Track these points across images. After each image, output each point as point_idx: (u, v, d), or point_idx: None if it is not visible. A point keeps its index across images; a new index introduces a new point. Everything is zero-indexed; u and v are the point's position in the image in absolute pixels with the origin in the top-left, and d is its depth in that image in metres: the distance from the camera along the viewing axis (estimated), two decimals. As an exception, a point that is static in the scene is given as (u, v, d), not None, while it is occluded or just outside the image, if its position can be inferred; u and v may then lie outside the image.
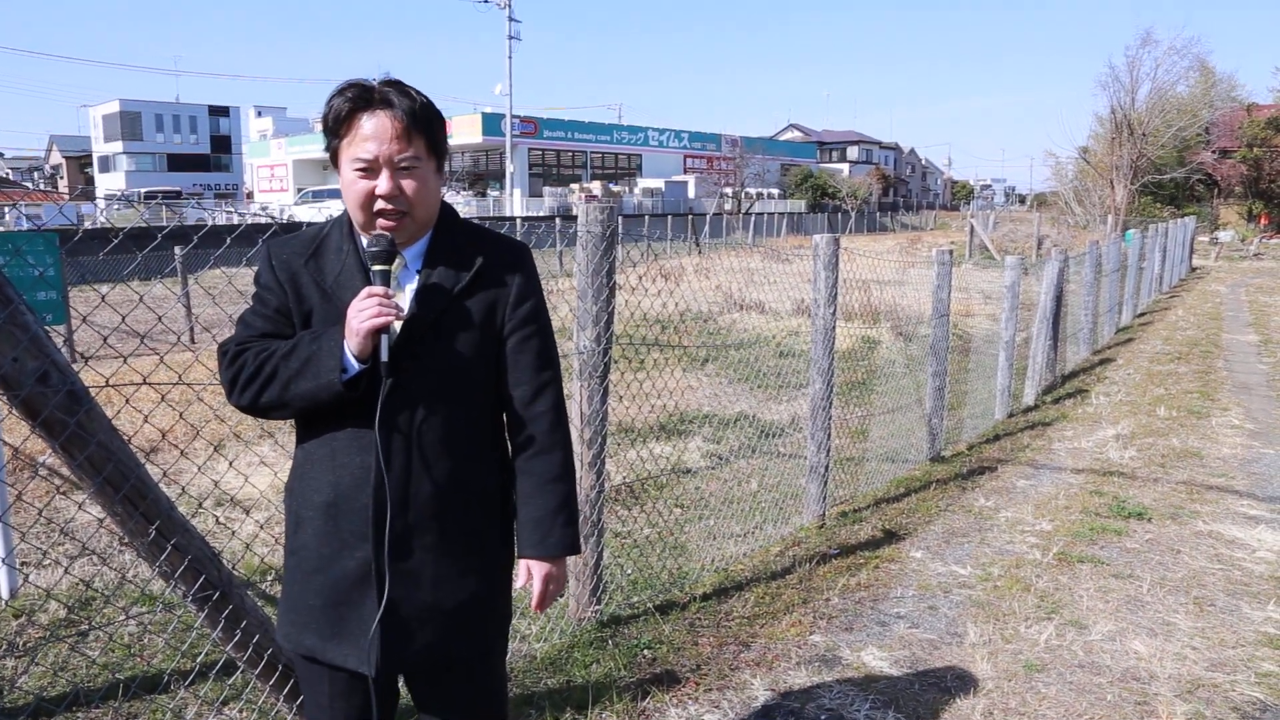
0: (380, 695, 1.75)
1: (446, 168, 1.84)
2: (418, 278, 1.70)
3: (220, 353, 1.72)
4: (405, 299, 1.68)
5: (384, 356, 1.61)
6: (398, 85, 1.66)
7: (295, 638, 1.74)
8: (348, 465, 1.67)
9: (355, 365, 1.61)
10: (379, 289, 1.61)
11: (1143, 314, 16.25)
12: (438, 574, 1.70)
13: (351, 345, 1.61)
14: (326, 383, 1.61)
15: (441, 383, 1.69)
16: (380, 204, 1.64)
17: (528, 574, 1.82)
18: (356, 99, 1.64)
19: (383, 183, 1.64)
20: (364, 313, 1.59)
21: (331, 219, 1.79)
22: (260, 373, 1.65)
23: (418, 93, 1.67)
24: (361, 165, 1.63)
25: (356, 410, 1.65)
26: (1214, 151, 43.93)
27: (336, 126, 1.66)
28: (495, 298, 1.74)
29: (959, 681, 3.28)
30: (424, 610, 1.70)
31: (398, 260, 1.68)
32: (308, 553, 1.71)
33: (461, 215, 1.82)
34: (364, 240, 1.72)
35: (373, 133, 1.63)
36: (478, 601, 1.76)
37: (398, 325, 1.64)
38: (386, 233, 1.66)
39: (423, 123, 1.66)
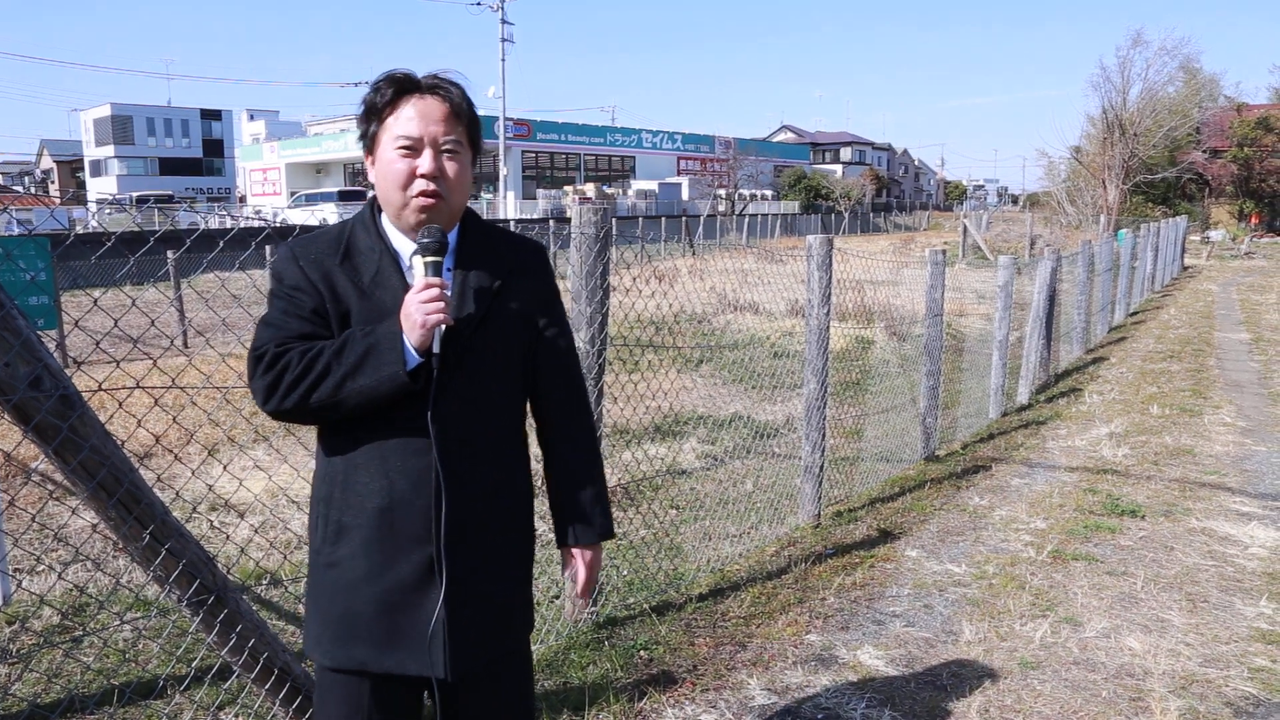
0: (424, 698, 1.73)
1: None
2: (451, 275, 1.70)
3: (254, 358, 1.63)
4: None
5: (436, 349, 1.60)
6: (441, 78, 1.69)
7: (340, 652, 1.67)
8: (401, 468, 1.63)
9: (415, 357, 1.59)
10: (436, 280, 1.60)
11: (1135, 313, 16.31)
12: (490, 571, 1.71)
13: (413, 339, 1.58)
14: (390, 375, 1.57)
15: (487, 379, 1.70)
16: (421, 184, 1.64)
17: (572, 561, 1.85)
18: (403, 84, 1.66)
19: (425, 161, 1.64)
20: (429, 304, 1.57)
21: (348, 219, 1.77)
22: (310, 372, 1.59)
23: (461, 87, 1.70)
24: (406, 144, 1.64)
25: (405, 411, 1.62)
26: (1205, 151, 44.11)
27: (380, 110, 1.67)
28: (529, 297, 1.77)
29: (955, 680, 3.29)
30: (483, 608, 1.70)
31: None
32: (355, 562, 1.65)
33: None
34: (392, 238, 1.70)
35: (419, 114, 1.65)
36: (520, 596, 1.79)
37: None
38: (436, 225, 1.65)
39: (466, 113, 1.70)
